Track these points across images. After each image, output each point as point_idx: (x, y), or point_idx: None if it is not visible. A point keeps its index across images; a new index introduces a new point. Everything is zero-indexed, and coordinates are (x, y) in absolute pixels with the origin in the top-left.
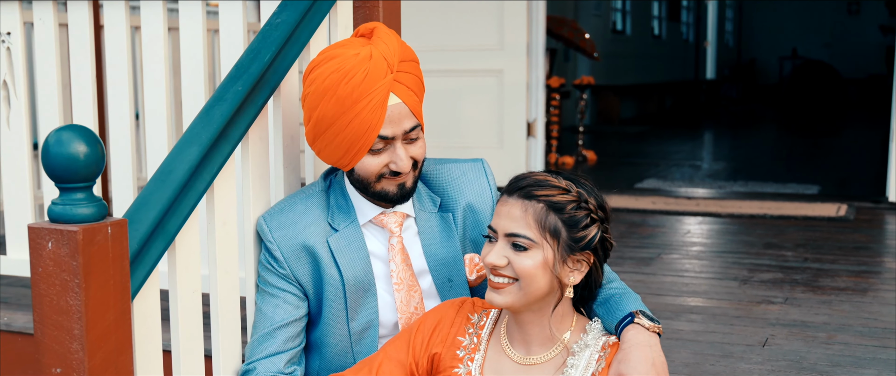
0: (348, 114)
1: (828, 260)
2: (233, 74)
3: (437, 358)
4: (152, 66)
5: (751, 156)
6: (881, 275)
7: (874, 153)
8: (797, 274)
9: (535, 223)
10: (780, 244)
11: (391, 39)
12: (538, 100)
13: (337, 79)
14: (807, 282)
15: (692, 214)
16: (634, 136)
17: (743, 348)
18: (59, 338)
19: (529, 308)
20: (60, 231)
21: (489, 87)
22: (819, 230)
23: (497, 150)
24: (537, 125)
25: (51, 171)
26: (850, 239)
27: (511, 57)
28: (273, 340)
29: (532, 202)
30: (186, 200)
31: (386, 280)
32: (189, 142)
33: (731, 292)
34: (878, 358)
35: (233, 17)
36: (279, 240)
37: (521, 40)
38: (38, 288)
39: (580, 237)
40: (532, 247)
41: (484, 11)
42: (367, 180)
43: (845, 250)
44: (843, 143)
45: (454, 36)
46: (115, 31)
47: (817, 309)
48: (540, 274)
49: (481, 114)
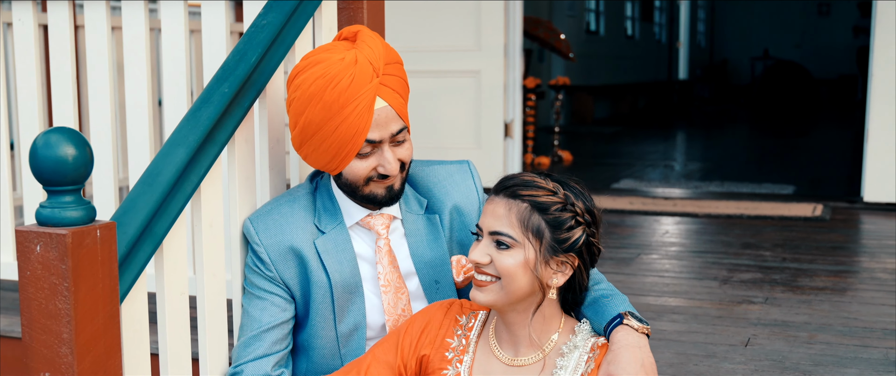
0: (335, 120)
1: (806, 260)
2: (219, 76)
3: (426, 359)
4: (133, 67)
5: (725, 156)
6: (859, 274)
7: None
8: (776, 274)
9: (518, 222)
10: (758, 244)
11: (376, 42)
12: (515, 100)
13: (323, 84)
14: (786, 282)
15: (669, 214)
16: (608, 137)
17: (726, 348)
18: (48, 342)
19: (513, 308)
20: (49, 234)
21: (466, 87)
22: (796, 230)
23: (475, 151)
24: (515, 126)
25: (39, 174)
26: (827, 239)
27: (488, 58)
28: (260, 343)
29: (517, 201)
30: (174, 203)
31: (373, 282)
32: (176, 144)
33: (712, 292)
34: (859, 357)
35: (215, 18)
36: (266, 243)
37: (499, 41)
38: (26, 292)
39: (564, 238)
40: (514, 245)
41: (461, 12)
42: (356, 184)
43: (822, 250)
44: (814, 143)
45: (431, 37)
46: (96, 32)
47: (797, 309)
48: (521, 273)
49: (459, 115)
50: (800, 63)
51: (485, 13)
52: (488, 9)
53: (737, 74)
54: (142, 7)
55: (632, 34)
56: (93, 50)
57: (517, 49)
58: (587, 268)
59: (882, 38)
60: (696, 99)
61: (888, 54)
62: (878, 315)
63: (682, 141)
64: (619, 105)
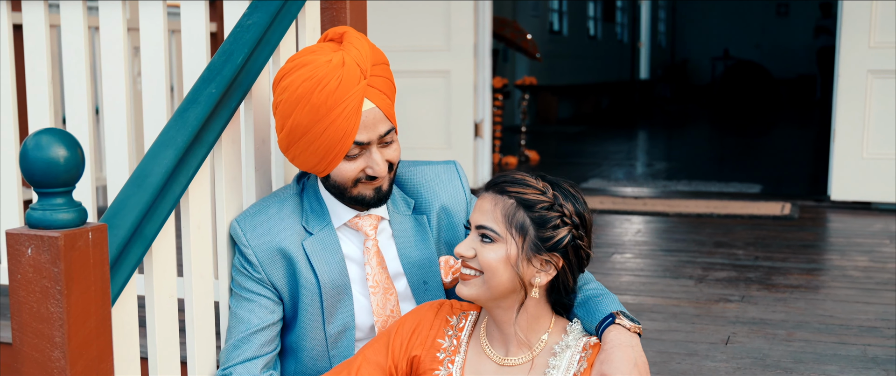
0: (323, 122)
1: (778, 258)
2: (205, 76)
3: (417, 360)
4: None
5: (690, 155)
6: (831, 272)
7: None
8: (750, 272)
9: (502, 217)
10: (731, 243)
11: (362, 44)
12: (485, 100)
13: (310, 86)
14: (760, 281)
15: (640, 214)
16: (573, 136)
17: (707, 346)
18: (40, 347)
19: (498, 305)
20: (40, 237)
21: (436, 87)
22: (766, 228)
23: (445, 151)
24: (484, 126)
25: (30, 176)
26: (797, 237)
27: (458, 58)
28: (249, 345)
29: (504, 197)
30: (163, 204)
31: (361, 283)
32: (164, 145)
33: (688, 291)
34: (838, 354)
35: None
36: (254, 244)
37: (469, 41)
38: (17, 296)
39: (548, 237)
40: (497, 240)
41: (431, 12)
42: (344, 185)
43: (794, 248)
44: (776, 142)
45: (401, 37)
46: (73, 32)
47: (774, 307)
48: (502, 268)
49: (429, 115)
50: (760, 63)
51: (455, 13)
52: (458, 9)
53: (697, 74)
54: (119, 7)
55: (594, 34)
56: (69, 50)
57: (487, 49)
58: (573, 270)
59: (848, 38)
60: (658, 98)
61: (855, 55)
62: (853, 312)
63: (646, 140)
64: (582, 105)
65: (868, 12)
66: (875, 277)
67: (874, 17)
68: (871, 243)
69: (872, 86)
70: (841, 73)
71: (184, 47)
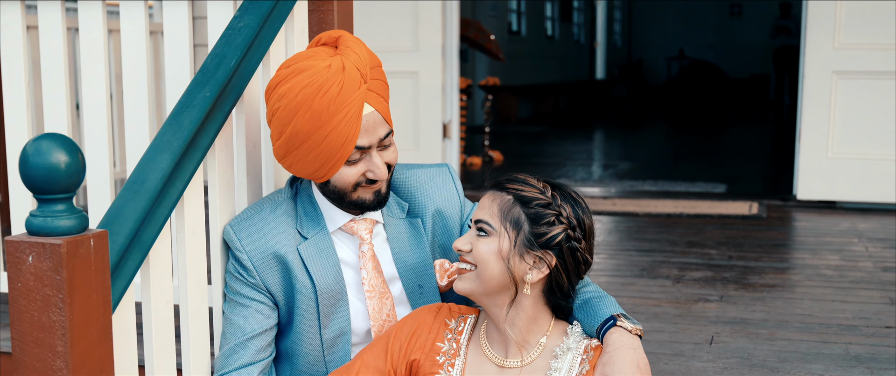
0: (324, 129)
1: (751, 257)
2: (198, 80)
3: (416, 364)
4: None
5: (653, 155)
6: (805, 271)
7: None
8: (726, 272)
9: (498, 212)
10: (703, 242)
11: (360, 48)
12: (453, 101)
13: (311, 93)
14: (737, 280)
15: (610, 214)
16: (534, 136)
17: (692, 346)
18: (41, 356)
19: (493, 302)
20: (42, 244)
21: (404, 88)
22: (736, 228)
23: (413, 152)
24: (452, 126)
25: (30, 182)
26: (768, 236)
27: (426, 58)
28: (245, 351)
29: (502, 193)
30: (161, 210)
31: (356, 287)
32: (160, 149)
33: (667, 291)
34: (822, 353)
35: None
36: (249, 249)
37: (436, 42)
38: (18, 305)
39: (541, 233)
40: (492, 233)
41: (399, 13)
42: (344, 190)
43: (766, 248)
44: (736, 142)
45: (369, 37)
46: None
47: (753, 307)
48: (494, 261)
49: (397, 116)
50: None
51: (422, 14)
52: (426, 10)
53: (653, 74)
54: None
55: (552, 34)
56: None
57: (454, 50)
58: (568, 272)
59: (813, 39)
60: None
61: (820, 56)
62: (831, 311)
63: (607, 140)
64: (541, 105)
65: (833, 14)
66: (848, 276)
67: (838, 19)
68: (841, 242)
69: (837, 86)
70: (806, 74)
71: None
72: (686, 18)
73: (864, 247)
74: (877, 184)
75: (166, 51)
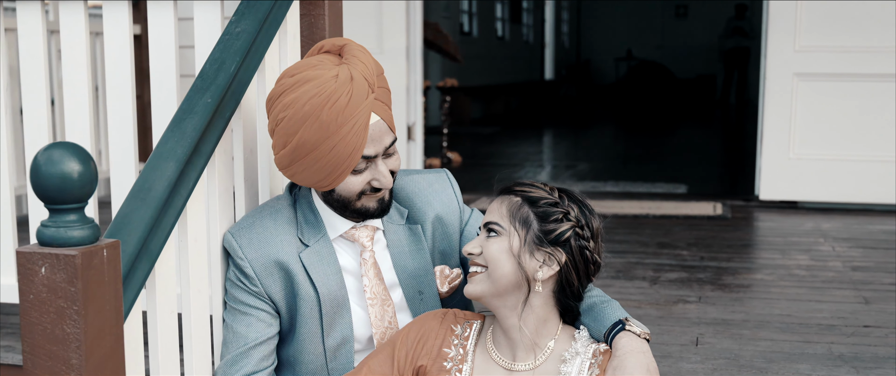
0: (332, 139)
1: (723, 258)
2: (198, 86)
3: (423, 370)
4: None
5: (609, 156)
6: (777, 271)
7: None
8: (700, 272)
9: (507, 212)
10: (673, 243)
11: (367, 56)
12: (417, 103)
13: (319, 103)
14: (712, 281)
15: None
16: (488, 137)
17: (678, 348)
18: (55, 369)
19: (503, 303)
20: (56, 255)
21: None
22: (703, 228)
23: None
24: (416, 128)
25: (42, 192)
26: (735, 237)
27: (390, 60)
28: (248, 360)
29: (510, 196)
30: (166, 218)
31: (358, 294)
32: (165, 157)
33: (645, 292)
34: (806, 352)
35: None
36: (251, 257)
37: (401, 43)
38: (29, 317)
39: (550, 230)
40: (501, 233)
41: (362, 14)
42: (349, 199)
43: (735, 248)
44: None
45: None
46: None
47: (732, 307)
48: (505, 259)
49: None
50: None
51: (386, 15)
52: (390, 10)
53: (600, 74)
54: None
55: (502, 35)
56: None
57: (418, 51)
58: (578, 271)
59: (775, 41)
60: (565, 98)
61: (781, 58)
62: (808, 311)
63: (561, 141)
64: (493, 105)
65: (793, 16)
66: (820, 275)
67: (799, 21)
68: (808, 242)
69: (798, 88)
70: (768, 76)
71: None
72: (633, 19)
73: (831, 247)
74: (838, 184)
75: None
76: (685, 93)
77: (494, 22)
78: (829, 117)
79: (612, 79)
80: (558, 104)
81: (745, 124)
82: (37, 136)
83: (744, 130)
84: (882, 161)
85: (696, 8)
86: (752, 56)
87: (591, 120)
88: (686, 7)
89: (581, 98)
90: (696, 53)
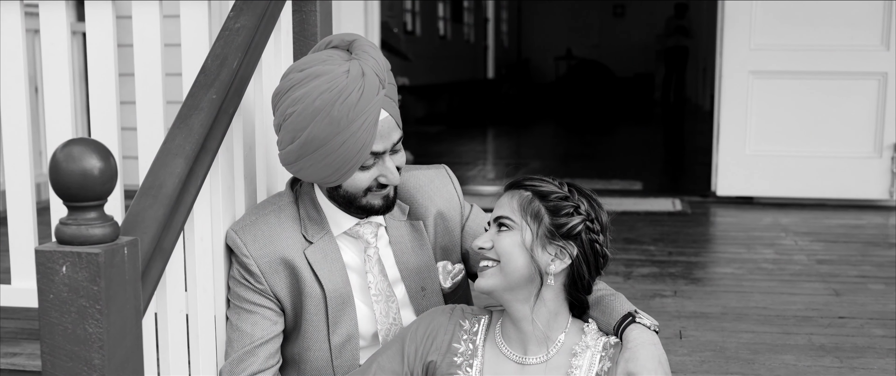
0: (343, 135)
1: (690, 253)
2: (202, 82)
3: (433, 366)
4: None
5: (558, 153)
6: (745, 265)
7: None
8: (670, 267)
9: (518, 207)
10: (639, 239)
11: (376, 52)
12: None
13: (330, 98)
14: (684, 275)
15: None
16: (434, 136)
17: (664, 341)
18: (75, 370)
19: (515, 297)
20: (78, 253)
21: None
22: (666, 224)
23: None
24: None
25: (63, 189)
26: (699, 232)
27: None
28: (254, 358)
29: (520, 191)
30: (178, 216)
31: (362, 291)
32: (173, 153)
33: (621, 288)
34: (788, 343)
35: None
36: (256, 255)
37: None
38: (49, 317)
39: (562, 223)
40: (513, 227)
41: None
42: (355, 195)
43: (700, 243)
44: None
45: None
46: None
47: (709, 301)
48: (517, 252)
49: None
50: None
51: (345, 15)
52: (348, 10)
53: (540, 73)
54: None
55: (444, 34)
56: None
57: None
58: (589, 265)
59: (730, 40)
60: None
61: (737, 56)
62: (783, 304)
63: (507, 139)
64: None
65: (748, 15)
66: (787, 269)
67: (754, 21)
68: (770, 236)
69: (753, 86)
70: (724, 74)
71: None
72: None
73: (793, 241)
74: (793, 179)
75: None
76: (624, 91)
77: (437, 21)
78: (784, 114)
79: (552, 77)
80: (500, 103)
81: (688, 121)
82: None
83: (688, 128)
84: (836, 156)
85: (634, 7)
86: (690, 55)
87: (533, 118)
88: (623, 7)
89: (522, 97)
90: (634, 52)
